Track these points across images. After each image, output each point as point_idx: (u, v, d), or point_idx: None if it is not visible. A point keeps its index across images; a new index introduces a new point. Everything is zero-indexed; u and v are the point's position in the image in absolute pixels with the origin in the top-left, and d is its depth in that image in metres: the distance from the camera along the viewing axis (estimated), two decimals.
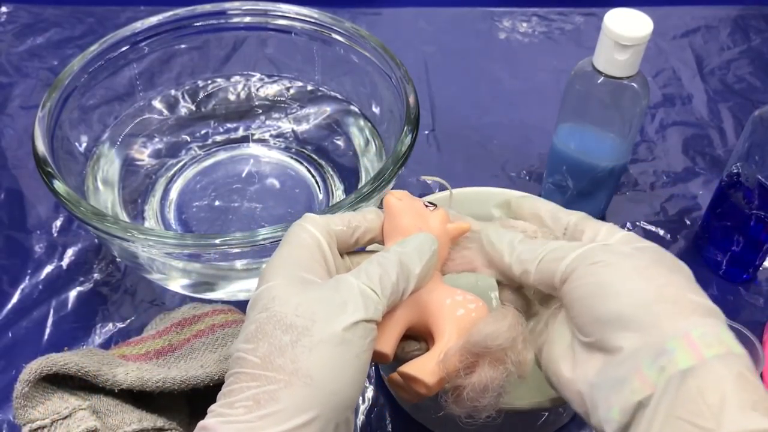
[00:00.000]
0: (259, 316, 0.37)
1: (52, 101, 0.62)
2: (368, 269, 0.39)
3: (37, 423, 0.45)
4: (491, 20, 0.93)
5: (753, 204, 0.61)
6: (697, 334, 0.35)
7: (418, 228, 0.44)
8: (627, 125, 0.62)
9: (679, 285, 0.38)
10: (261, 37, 0.73)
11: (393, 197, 0.45)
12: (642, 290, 0.37)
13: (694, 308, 0.37)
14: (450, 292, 0.43)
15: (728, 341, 0.36)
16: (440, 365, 0.40)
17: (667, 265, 0.39)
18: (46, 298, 0.64)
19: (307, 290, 0.38)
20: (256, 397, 0.35)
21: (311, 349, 0.36)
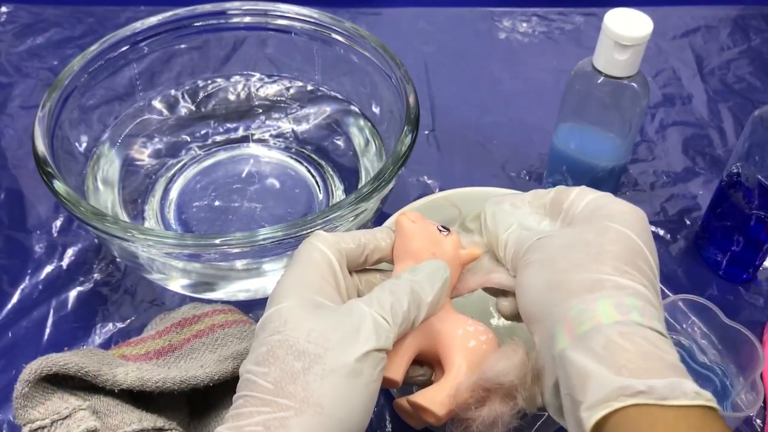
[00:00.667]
0: (271, 339, 0.37)
1: (52, 101, 0.62)
2: (380, 297, 0.39)
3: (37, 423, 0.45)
4: (491, 20, 0.93)
5: (753, 204, 0.61)
6: (573, 314, 0.37)
7: (431, 252, 0.44)
8: (627, 125, 0.62)
9: (579, 265, 0.39)
10: (261, 37, 0.73)
11: (406, 219, 0.45)
12: (536, 285, 0.40)
13: (579, 288, 0.38)
14: (461, 322, 0.43)
15: (603, 312, 0.37)
16: (451, 399, 0.40)
17: (587, 242, 0.40)
18: (46, 298, 0.64)
19: (319, 315, 0.38)
20: (267, 423, 0.35)
21: (323, 378, 0.36)
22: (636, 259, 0.40)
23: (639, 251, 0.40)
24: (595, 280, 0.38)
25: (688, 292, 0.61)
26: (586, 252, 0.39)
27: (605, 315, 0.37)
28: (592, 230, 0.41)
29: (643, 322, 0.36)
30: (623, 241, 0.40)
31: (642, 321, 0.36)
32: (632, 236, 0.40)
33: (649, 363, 0.35)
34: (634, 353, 0.35)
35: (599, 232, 0.40)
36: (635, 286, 0.38)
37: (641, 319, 0.37)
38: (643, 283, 0.39)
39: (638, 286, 0.38)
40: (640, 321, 0.36)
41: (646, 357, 0.35)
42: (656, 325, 0.37)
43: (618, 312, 0.37)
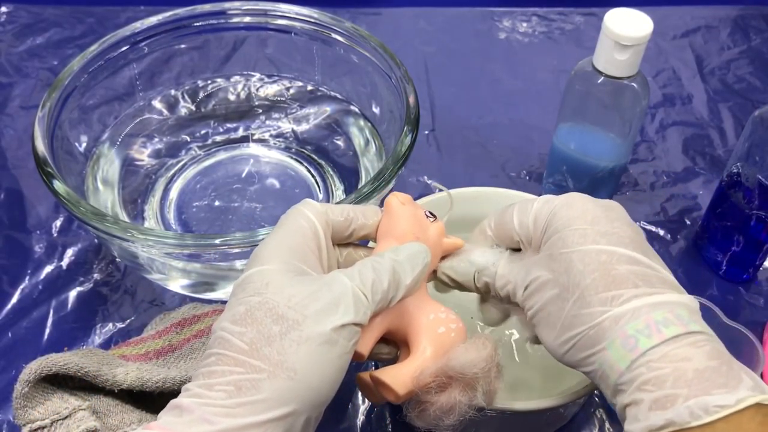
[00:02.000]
0: (251, 300, 0.37)
1: (52, 101, 0.62)
2: (363, 272, 0.39)
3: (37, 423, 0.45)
4: (491, 20, 0.93)
5: (753, 204, 0.61)
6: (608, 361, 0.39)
7: (415, 236, 0.44)
8: (627, 125, 0.62)
9: (575, 317, 0.40)
10: (261, 37, 0.73)
11: (396, 199, 0.45)
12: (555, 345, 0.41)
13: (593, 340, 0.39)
14: (435, 307, 0.43)
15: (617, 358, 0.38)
16: (414, 380, 0.40)
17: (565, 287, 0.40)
18: (46, 298, 0.64)
19: (301, 282, 0.38)
20: (239, 383, 0.35)
21: (299, 344, 0.36)
22: (609, 273, 0.39)
23: (607, 259, 0.40)
24: (594, 328, 0.39)
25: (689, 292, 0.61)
26: (571, 301, 0.40)
27: (620, 359, 0.37)
28: (561, 268, 0.41)
29: (651, 343, 0.37)
30: (592, 264, 0.40)
31: (650, 343, 0.37)
32: (594, 248, 0.40)
33: (672, 387, 0.35)
34: (656, 384, 0.36)
35: (567, 268, 0.40)
36: (628, 306, 0.38)
37: (649, 342, 0.37)
38: (633, 290, 0.39)
39: (631, 302, 0.38)
40: (648, 344, 0.37)
41: (669, 382, 0.36)
42: (664, 333, 0.37)
43: (626, 349, 0.37)
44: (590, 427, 0.58)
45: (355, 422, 0.58)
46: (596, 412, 0.58)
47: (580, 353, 0.40)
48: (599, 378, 0.39)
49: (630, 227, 0.42)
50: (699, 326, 0.38)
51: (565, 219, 0.42)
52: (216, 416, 0.34)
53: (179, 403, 0.35)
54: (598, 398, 0.59)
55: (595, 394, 0.59)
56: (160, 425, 0.35)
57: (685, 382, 0.35)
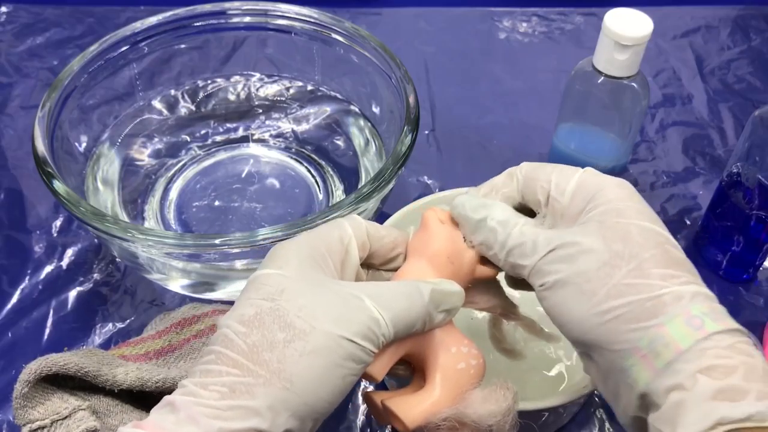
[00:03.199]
0: (262, 303, 0.36)
1: (52, 101, 0.62)
2: (391, 298, 0.37)
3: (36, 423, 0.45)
4: (491, 20, 0.93)
5: (753, 204, 0.61)
6: (645, 344, 0.36)
7: (450, 259, 0.42)
8: (627, 125, 0.62)
9: (627, 287, 0.37)
10: (261, 37, 0.73)
11: (435, 215, 0.43)
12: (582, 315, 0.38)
13: (639, 315, 0.37)
14: (458, 339, 0.41)
15: (678, 335, 0.36)
16: (425, 417, 0.39)
17: (619, 255, 0.38)
18: (46, 298, 0.64)
19: (317, 292, 0.37)
20: (233, 385, 0.34)
21: (301, 355, 0.35)
22: (668, 252, 0.38)
23: (665, 240, 0.39)
24: (653, 300, 0.36)
25: None
26: (625, 269, 0.37)
27: (682, 338, 0.35)
28: (616, 237, 0.38)
29: (718, 328, 0.35)
30: (651, 240, 0.38)
31: (717, 327, 0.35)
32: (653, 228, 0.39)
33: (743, 380, 0.33)
34: (725, 373, 0.34)
35: (623, 237, 0.38)
36: (689, 288, 0.36)
37: (716, 326, 0.35)
38: (690, 276, 0.37)
39: (691, 286, 0.37)
40: (716, 328, 0.35)
41: (738, 374, 0.34)
42: (729, 322, 0.36)
43: (692, 328, 0.35)
44: (590, 427, 0.58)
45: (355, 422, 0.58)
46: (596, 412, 0.58)
47: (623, 326, 0.36)
48: (640, 358, 0.36)
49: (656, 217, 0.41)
50: (736, 324, 0.37)
51: (617, 195, 0.40)
52: (205, 417, 0.34)
53: (172, 400, 0.35)
54: (598, 398, 0.59)
55: (595, 394, 0.59)
56: (153, 423, 0.34)
57: (758, 377, 0.33)
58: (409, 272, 0.42)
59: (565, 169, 0.43)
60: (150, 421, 0.35)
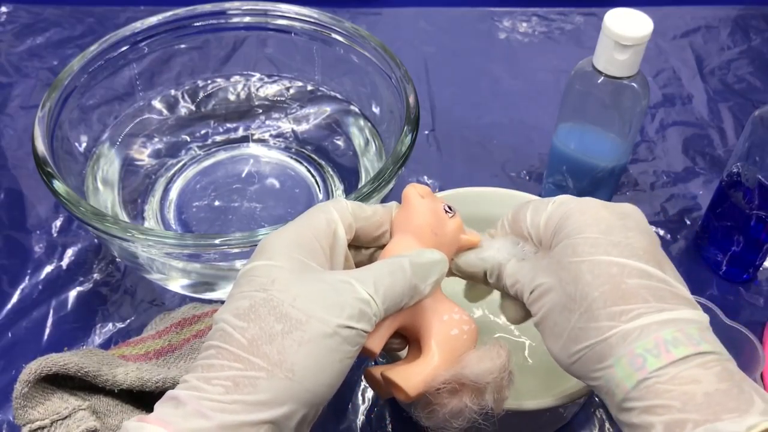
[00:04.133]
0: (255, 295, 0.37)
1: (52, 101, 0.62)
2: (376, 278, 0.38)
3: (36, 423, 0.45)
4: (491, 20, 0.93)
5: (753, 204, 0.61)
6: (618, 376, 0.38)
7: (433, 231, 0.43)
8: (627, 125, 0.62)
9: (582, 330, 0.39)
10: (261, 37, 0.73)
11: (414, 190, 0.44)
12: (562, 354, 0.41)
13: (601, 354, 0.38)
14: (449, 307, 0.43)
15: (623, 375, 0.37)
16: (426, 383, 0.40)
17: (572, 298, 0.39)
18: (46, 298, 0.64)
19: (308, 281, 0.38)
20: (237, 379, 0.35)
21: (300, 345, 0.36)
22: (619, 286, 0.38)
23: (618, 271, 0.39)
24: (601, 343, 0.38)
25: None
26: (578, 313, 0.39)
27: (627, 378, 0.37)
28: (569, 278, 0.39)
29: (660, 363, 0.36)
30: (602, 276, 0.39)
31: (659, 363, 0.36)
32: (606, 260, 0.39)
33: (680, 412, 0.35)
34: (666, 408, 0.35)
35: (575, 278, 0.39)
36: (637, 323, 0.37)
37: (657, 362, 0.36)
38: (643, 306, 0.37)
39: (640, 319, 0.37)
40: (657, 365, 0.36)
41: (676, 407, 0.35)
42: (674, 353, 0.36)
43: (634, 368, 0.36)
44: (590, 427, 0.58)
45: (355, 422, 0.58)
46: (596, 412, 0.58)
47: (586, 367, 0.39)
48: (605, 394, 0.38)
49: (645, 236, 0.40)
50: (710, 345, 0.37)
51: (577, 225, 0.41)
52: (212, 411, 0.34)
53: (176, 395, 0.35)
54: (598, 398, 0.59)
55: (595, 394, 0.59)
56: (158, 417, 0.35)
57: (695, 406, 0.34)
58: (396, 248, 0.43)
59: (540, 204, 0.44)
60: (155, 415, 0.35)
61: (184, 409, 0.35)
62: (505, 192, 0.59)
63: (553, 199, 0.44)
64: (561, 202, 0.43)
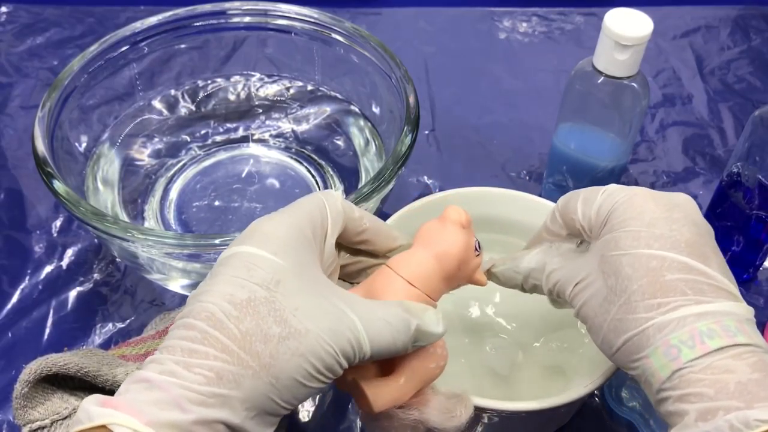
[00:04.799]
0: (257, 290, 0.35)
1: (52, 101, 0.62)
2: (379, 332, 0.37)
3: (36, 423, 0.45)
4: (491, 20, 0.93)
5: (753, 204, 0.61)
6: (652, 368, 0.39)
7: (458, 266, 0.42)
8: (627, 125, 0.62)
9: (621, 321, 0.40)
10: (261, 37, 0.73)
11: (459, 218, 0.43)
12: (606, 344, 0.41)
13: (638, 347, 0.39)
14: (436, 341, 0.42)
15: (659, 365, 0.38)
16: (391, 403, 0.40)
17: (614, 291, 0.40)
18: (46, 298, 0.64)
19: (312, 295, 0.36)
20: (221, 372, 0.33)
21: (293, 355, 0.34)
22: (658, 279, 0.39)
23: (659, 265, 0.39)
24: (638, 335, 0.38)
25: None
26: (617, 305, 0.39)
27: (662, 368, 0.37)
28: (610, 271, 0.40)
29: (694, 354, 0.36)
30: (641, 269, 0.39)
31: (693, 354, 0.37)
32: (647, 253, 0.39)
33: (712, 400, 0.35)
34: (699, 397, 0.36)
35: (616, 271, 0.40)
36: (674, 315, 0.38)
37: (691, 353, 0.37)
38: (681, 298, 0.38)
39: (679, 310, 0.38)
40: (691, 356, 0.36)
41: (709, 395, 0.35)
42: (709, 345, 0.36)
43: (669, 358, 0.37)
44: (590, 427, 0.58)
45: (355, 422, 0.58)
46: (596, 413, 0.58)
47: (626, 357, 0.39)
48: (644, 383, 0.39)
49: (692, 228, 0.40)
50: (746, 338, 0.37)
51: (622, 218, 0.41)
52: (190, 403, 0.32)
53: (149, 377, 0.33)
54: (598, 398, 0.59)
55: (594, 394, 0.59)
56: (128, 403, 0.32)
57: (727, 394, 0.35)
58: (413, 265, 0.42)
59: (590, 194, 0.44)
60: (124, 400, 0.32)
61: (159, 395, 0.32)
62: (505, 192, 0.59)
63: (603, 189, 0.44)
64: (610, 192, 0.43)
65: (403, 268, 0.41)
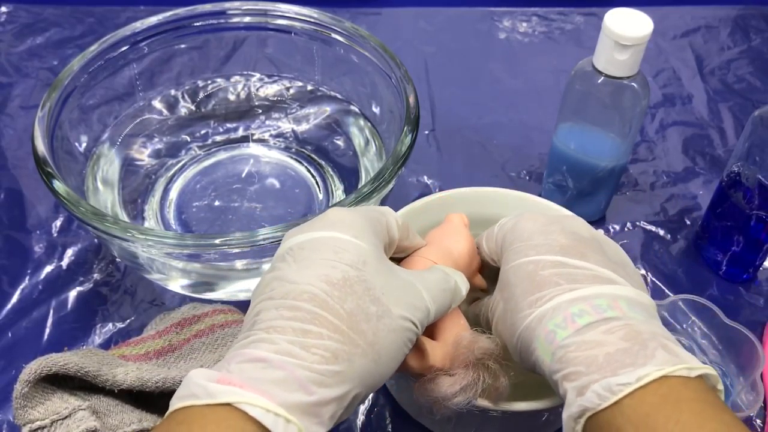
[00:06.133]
0: (348, 270, 0.37)
1: (52, 101, 0.62)
2: (435, 291, 0.41)
3: (36, 423, 0.45)
4: (491, 20, 0.93)
5: (753, 204, 0.61)
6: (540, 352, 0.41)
7: (470, 260, 0.48)
8: (627, 125, 0.62)
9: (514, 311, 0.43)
10: (261, 37, 0.73)
11: (461, 220, 0.50)
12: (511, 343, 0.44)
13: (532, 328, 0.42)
14: (461, 315, 0.46)
15: (542, 344, 0.41)
16: (444, 356, 0.43)
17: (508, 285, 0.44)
18: (46, 298, 0.64)
19: (390, 274, 0.39)
20: (336, 351, 0.35)
21: (389, 332, 0.37)
22: (534, 278, 0.42)
23: (534, 268, 0.42)
24: (527, 330, 0.41)
25: (688, 292, 0.61)
26: (510, 312, 0.43)
27: (545, 353, 0.40)
28: (501, 285, 0.45)
29: (567, 333, 0.39)
30: (520, 273, 0.43)
31: (566, 333, 0.39)
32: (524, 260, 0.43)
33: (585, 375, 0.37)
34: (576, 374, 0.37)
35: (505, 284, 0.44)
36: (549, 305, 0.40)
37: (564, 333, 0.39)
38: (555, 289, 0.41)
39: (552, 300, 0.40)
40: (564, 335, 0.39)
41: (581, 368, 0.37)
42: (581, 321, 0.39)
43: (547, 342, 0.39)
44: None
45: (355, 422, 0.58)
46: None
47: (525, 357, 0.42)
48: (547, 378, 0.41)
49: (569, 236, 0.44)
50: (617, 312, 0.39)
51: (509, 240, 0.46)
52: (312, 384, 0.33)
53: (266, 357, 0.33)
54: None
55: None
56: (249, 381, 0.32)
57: (597, 367, 0.37)
58: (436, 252, 0.47)
59: (490, 230, 0.49)
60: (244, 378, 0.33)
61: (281, 375, 0.33)
62: (505, 192, 0.59)
63: (499, 222, 0.49)
64: (502, 224, 0.48)
65: (431, 255, 0.47)
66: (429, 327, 0.44)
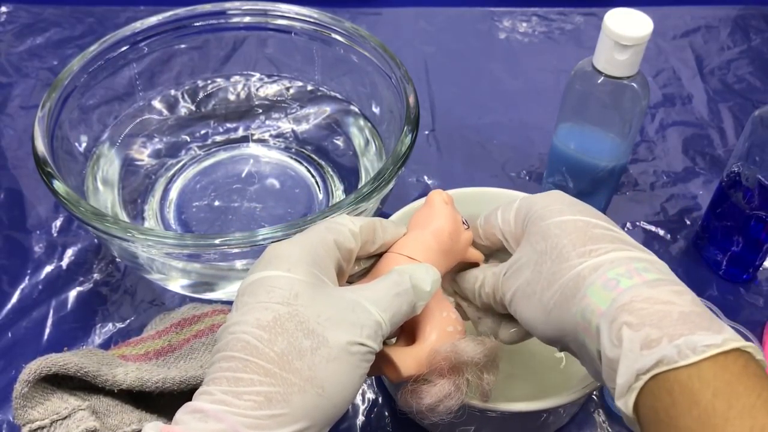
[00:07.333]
0: (278, 308, 0.37)
1: (51, 101, 0.62)
2: (386, 301, 0.40)
3: (36, 423, 0.45)
4: (491, 20, 0.93)
5: (753, 204, 0.61)
6: (579, 318, 0.39)
7: (450, 237, 0.46)
8: (627, 125, 0.62)
9: (553, 274, 0.41)
10: (261, 37, 0.73)
11: (439, 196, 0.47)
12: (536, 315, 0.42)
13: (568, 294, 0.40)
14: (446, 305, 0.45)
15: (598, 299, 0.38)
16: (418, 365, 0.42)
17: (544, 251, 0.42)
18: (46, 298, 0.64)
19: (328, 298, 0.38)
20: (269, 395, 0.35)
21: (328, 362, 0.36)
22: (587, 232, 0.41)
23: (584, 225, 0.41)
24: (573, 278, 0.39)
25: None
26: (549, 261, 0.41)
27: (601, 301, 0.38)
28: (538, 238, 0.42)
29: (633, 282, 0.37)
30: (569, 227, 0.41)
31: (632, 282, 0.37)
32: (572, 218, 0.42)
33: (656, 328, 0.35)
34: (641, 324, 0.36)
35: (544, 236, 0.42)
36: (607, 257, 0.39)
37: (630, 282, 0.37)
38: (610, 246, 0.40)
39: (610, 254, 0.39)
40: (630, 284, 0.37)
41: (653, 322, 0.35)
42: (647, 276, 0.38)
43: (608, 290, 0.38)
44: (590, 427, 0.58)
45: (355, 422, 0.58)
46: (596, 413, 0.58)
47: (563, 308, 0.40)
48: (583, 330, 0.39)
49: (599, 215, 0.43)
50: (680, 282, 0.38)
51: (543, 204, 0.44)
52: (246, 428, 0.34)
53: (202, 407, 0.35)
54: (598, 398, 0.59)
55: (594, 395, 0.59)
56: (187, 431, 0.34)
57: (671, 322, 0.35)
58: (411, 243, 0.46)
59: (506, 204, 0.47)
60: (182, 429, 0.34)
61: (216, 424, 0.34)
62: (505, 192, 0.59)
63: (517, 198, 0.47)
64: (524, 196, 0.46)
65: (404, 249, 0.45)
66: (409, 323, 0.43)
